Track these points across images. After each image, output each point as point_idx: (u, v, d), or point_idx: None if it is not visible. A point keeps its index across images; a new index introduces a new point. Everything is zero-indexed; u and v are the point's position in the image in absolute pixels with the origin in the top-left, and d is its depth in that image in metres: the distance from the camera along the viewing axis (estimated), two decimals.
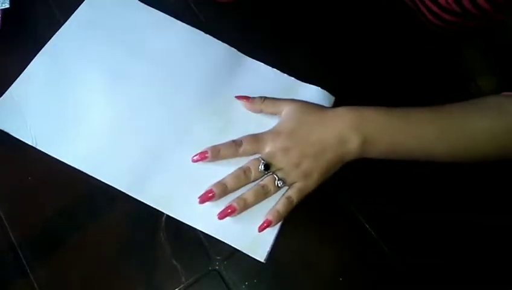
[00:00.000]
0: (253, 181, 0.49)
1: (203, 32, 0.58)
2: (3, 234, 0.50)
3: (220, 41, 0.58)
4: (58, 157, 0.51)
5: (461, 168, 0.51)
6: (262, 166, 0.48)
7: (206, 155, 0.50)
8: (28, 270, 0.48)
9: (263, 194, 0.48)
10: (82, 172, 0.51)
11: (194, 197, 0.49)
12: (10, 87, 0.54)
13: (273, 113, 0.52)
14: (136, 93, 0.54)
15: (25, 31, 0.59)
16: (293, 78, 0.56)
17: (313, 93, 0.55)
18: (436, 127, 0.47)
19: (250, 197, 0.48)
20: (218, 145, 0.50)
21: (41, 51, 0.57)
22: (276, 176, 0.48)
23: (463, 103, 0.47)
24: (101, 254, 0.49)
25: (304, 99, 0.53)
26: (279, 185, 0.48)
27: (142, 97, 0.54)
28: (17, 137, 0.52)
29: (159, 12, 0.59)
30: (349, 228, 0.50)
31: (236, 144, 0.50)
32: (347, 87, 0.56)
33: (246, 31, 0.59)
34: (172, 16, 0.59)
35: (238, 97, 0.53)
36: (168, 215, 0.50)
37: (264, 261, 0.48)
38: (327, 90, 0.55)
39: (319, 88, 0.55)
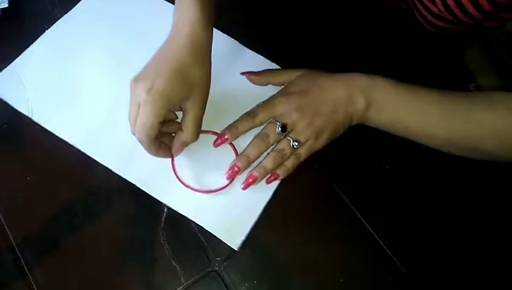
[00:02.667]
0: (272, 145, 0.50)
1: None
2: (2, 235, 0.50)
3: (219, 31, 0.58)
4: (51, 130, 0.53)
5: (466, 171, 0.51)
6: (280, 128, 0.48)
7: (226, 137, 0.50)
8: (27, 271, 0.48)
9: (280, 157, 0.49)
10: (81, 173, 0.51)
11: (177, 180, 0.50)
12: (14, 61, 0.57)
13: (281, 83, 0.53)
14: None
15: (24, 30, 0.59)
16: None
17: None
18: (439, 109, 0.47)
19: (269, 163, 0.49)
20: (234, 123, 0.51)
21: (49, 29, 0.59)
22: (291, 138, 0.49)
23: (472, 93, 0.48)
24: (100, 255, 0.49)
25: None
26: (294, 146, 0.49)
27: None
28: (14, 107, 0.55)
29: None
30: (349, 228, 0.50)
31: (251, 116, 0.50)
32: None
33: (246, 25, 0.60)
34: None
35: (244, 73, 0.54)
36: (167, 216, 0.50)
37: (237, 249, 0.48)
38: None
39: None
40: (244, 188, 0.49)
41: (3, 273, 0.48)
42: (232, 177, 0.50)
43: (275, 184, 0.51)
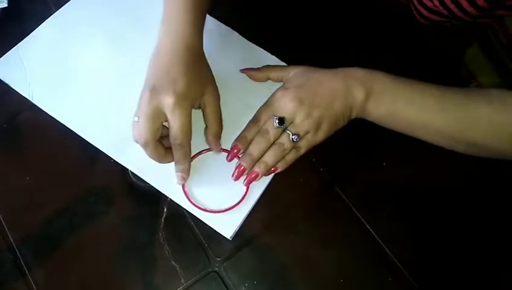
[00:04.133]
0: (273, 140, 0.49)
1: (207, 15, 0.58)
2: (2, 235, 0.50)
3: (222, 24, 0.59)
4: (50, 113, 0.54)
5: (466, 170, 0.51)
6: (276, 121, 0.48)
7: (237, 150, 0.50)
8: (27, 271, 0.48)
9: (281, 152, 0.48)
10: (81, 173, 0.51)
11: (172, 167, 0.50)
12: (18, 44, 0.58)
13: (280, 79, 0.54)
14: (135, 66, 0.56)
15: (23, 29, 0.59)
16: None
17: None
18: (438, 101, 0.46)
19: (270, 159, 0.49)
20: (241, 133, 0.51)
21: (52, 16, 0.60)
22: (290, 131, 0.48)
23: (470, 89, 0.48)
24: (100, 255, 0.49)
25: None
26: (294, 139, 0.48)
27: (140, 70, 0.55)
28: (16, 89, 0.56)
29: None
30: (349, 229, 0.50)
31: (254, 121, 0.50)
32: None
33: (248, 17, 0.60)
34: None
35: (243, 70, 0.55)
36: (167, 216, 0.50)
37: (230, 239, 0.48)
38: None
39: None
40: (246, 184, 0.49)
41: (3, 273, 0.48)
42: (239, 178, 0.49)
43: (270, 176, 0.51)
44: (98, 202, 0.51)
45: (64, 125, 0.54)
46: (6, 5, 0.59)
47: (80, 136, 0.53)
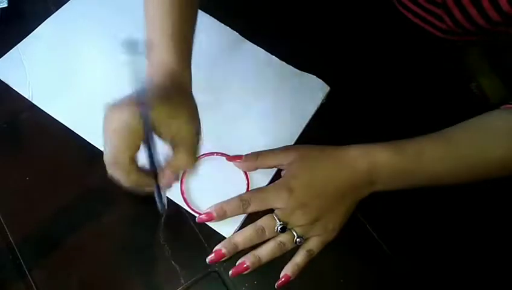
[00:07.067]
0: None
1: (208, 15, 0.59)
2: (2, 235, 0.50)
3: (222, 24, 0.59)
4: (49, 113, 0.54)
5: None
6: (279, 228, 0.46)
7: (213, 216, 0.47)
8: (27, 271, 0.48)
9: (280, 251, 0.46)
10: (81, 173, 0.51)
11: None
12: (18, 45, 0.58)
13: (272, 167, 0.51)
14: None
15: (23, 29, 0.59)
16: (290, 66, 0.57)
17: (308, 82, 0.56)
18: (447, 165, 0.46)
19: (265, 255, 0.46)
20: (224, 204, 0.48)
21: (52, 15, 0.60)
22: (295, 233, 0.46)
23: (473, 131, 0.46)
24: (100, 255, 0.49)
25: (299, 87, 0.56)
26: (297, 242, 0.46)
27: None
28: (15, 89, 0.55)
29: None
30: (350, 229, 0.50)
31: (243, 203, 0.47)
32: (343, 79, 0.56)
33: (248, 17, 0.60)
34: None
35: (230, 158, 0.51)
36: (167, 216, 0.49)
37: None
38: (323, 80, 0.56)
39: (315, 77, 0.56)
40: (232, 275, 0.47)
41: (3, 273, 0.48)
42: (215, 261, 0.47)
43: (271, 175, 0.51)
44: (98, 202, 0.50)
45: (64, 125, 0.54)
46: (6, 5, 0.59)
47: (80, 136, 0.53)
